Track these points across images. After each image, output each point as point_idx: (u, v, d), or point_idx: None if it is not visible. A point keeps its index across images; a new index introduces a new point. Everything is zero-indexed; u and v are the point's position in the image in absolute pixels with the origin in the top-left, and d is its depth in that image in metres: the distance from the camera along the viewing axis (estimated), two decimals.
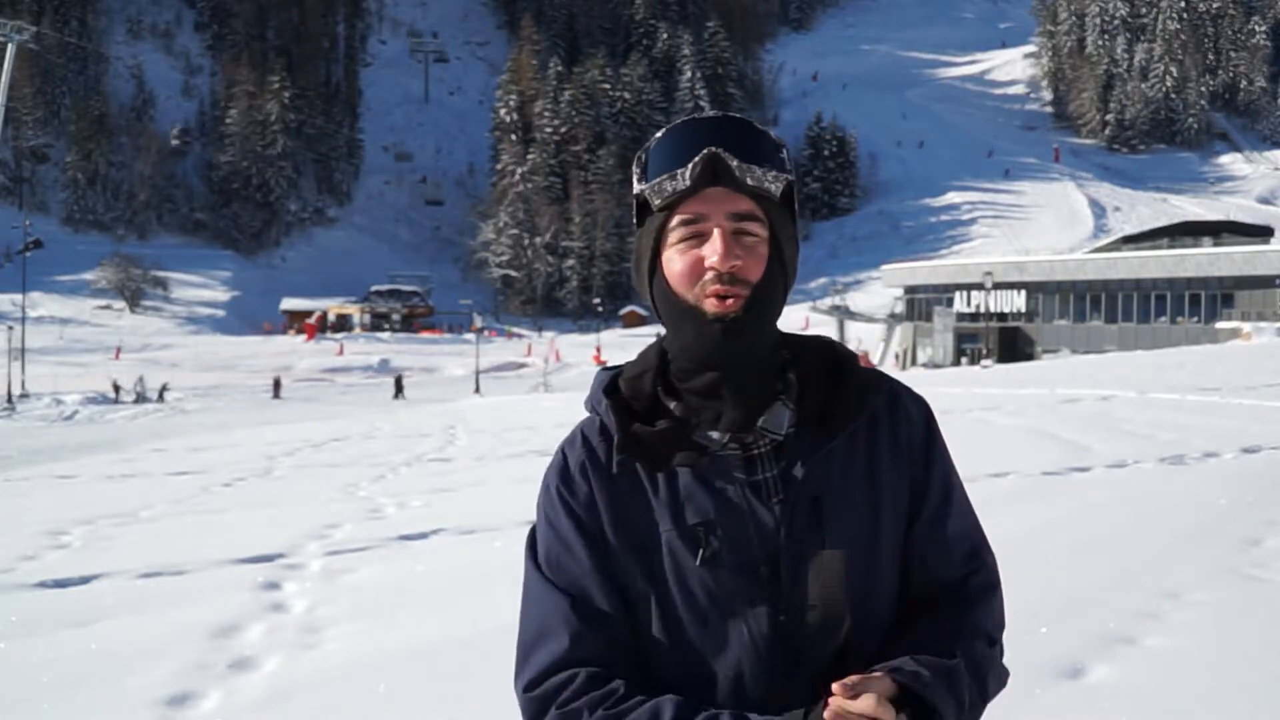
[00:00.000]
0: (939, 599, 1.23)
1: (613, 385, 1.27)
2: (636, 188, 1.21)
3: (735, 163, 1.15)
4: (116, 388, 40.07)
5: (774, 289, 1.19)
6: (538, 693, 1.16)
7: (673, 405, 1.23)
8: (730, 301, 1.15)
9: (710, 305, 1.16)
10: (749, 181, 1.16)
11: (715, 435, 1.20)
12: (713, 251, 1.15)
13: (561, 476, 1.24)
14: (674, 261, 1.18)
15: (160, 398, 40.48)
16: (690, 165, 1.15)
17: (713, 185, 1.16)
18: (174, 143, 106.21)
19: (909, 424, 1.26)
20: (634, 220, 1.24)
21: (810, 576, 1.16)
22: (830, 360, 1.26)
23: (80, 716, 3.53)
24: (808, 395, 1.23)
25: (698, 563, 1.16)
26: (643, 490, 1.20)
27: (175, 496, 9.46)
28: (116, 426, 26.68)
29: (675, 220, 1.18)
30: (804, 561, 1.16)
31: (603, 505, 1.21)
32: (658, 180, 1.17)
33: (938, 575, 1.24)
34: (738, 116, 1.20)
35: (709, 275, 1.15)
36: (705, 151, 1.14)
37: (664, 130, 1.21)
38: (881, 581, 1.21)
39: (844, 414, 1.21)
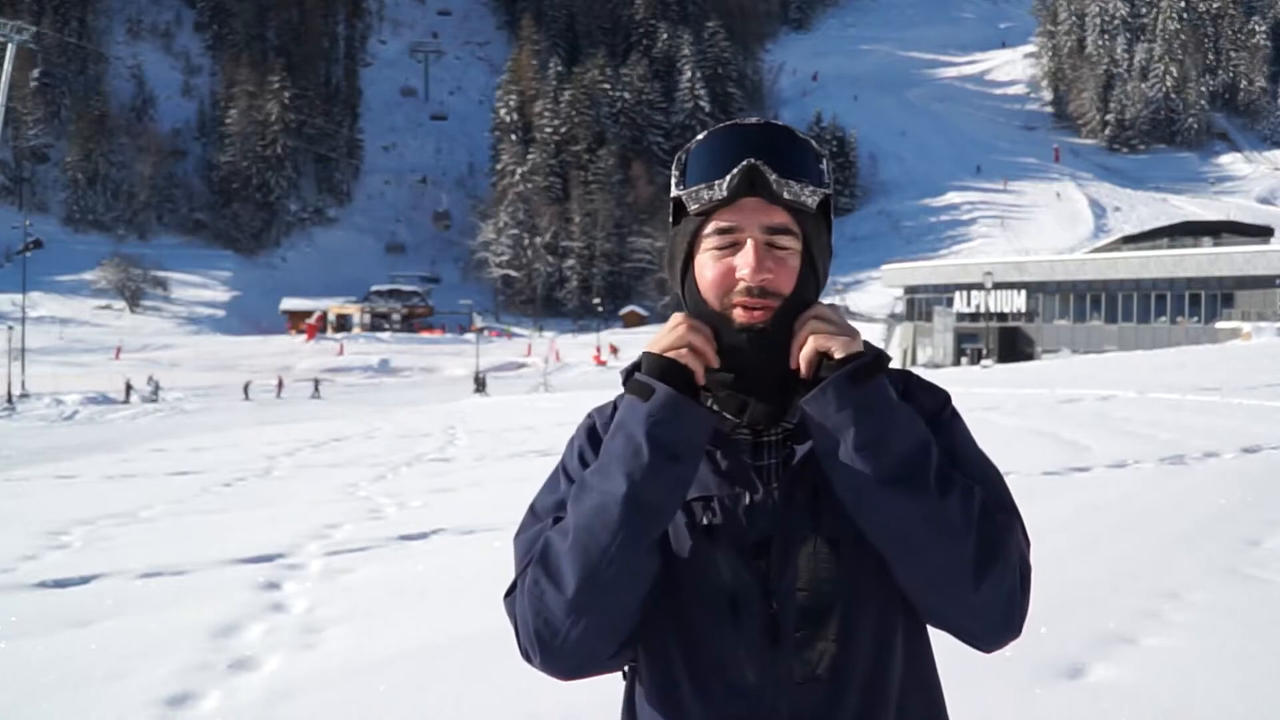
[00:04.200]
0: None
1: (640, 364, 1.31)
2: (674, 191, 1.22)
3: (774, 177, 1.16)
4: (128, 387, 40.04)
5: (804, 301, 1.20)
6: (509, 599, 1.21)
7: None
8: (759, 313, 1.17)
9: (738, 315, 1.17)
10: (785, 195, 1.16)
11: (728, 418, 1.23)
12: (744, 264, 1.16)
13: (588, 435, 1.29)
14: (706, 268, 1.19)
15: (245, 395, 41.27)
16: (728, 177, 1.16)
17: (749, 195, 1.16)
18: (33, 83, 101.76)
19: (919, 409, 1.24)
20: (670, 219, 1.25)
21: (800, 562, 1.16)
22: None
23: (80, 716, 3.53)
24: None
25: (691, 533, 1.20)
26: None
27: (175, 496, 9.46)
28: (116, 426, 26.68)
29: (710, 227, 1.19)
30: (795, 546, 1.17)
31: None
32: (695, 188, 1.18)
33: None
34: (780, 125, 1.21)
35: (739, 287, 1.17)
36: (744, 163, 1.15)
37: (706, 134, 1.22)
38: (882, 574, 1.18)
39: None
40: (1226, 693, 3.44)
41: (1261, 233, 57.93)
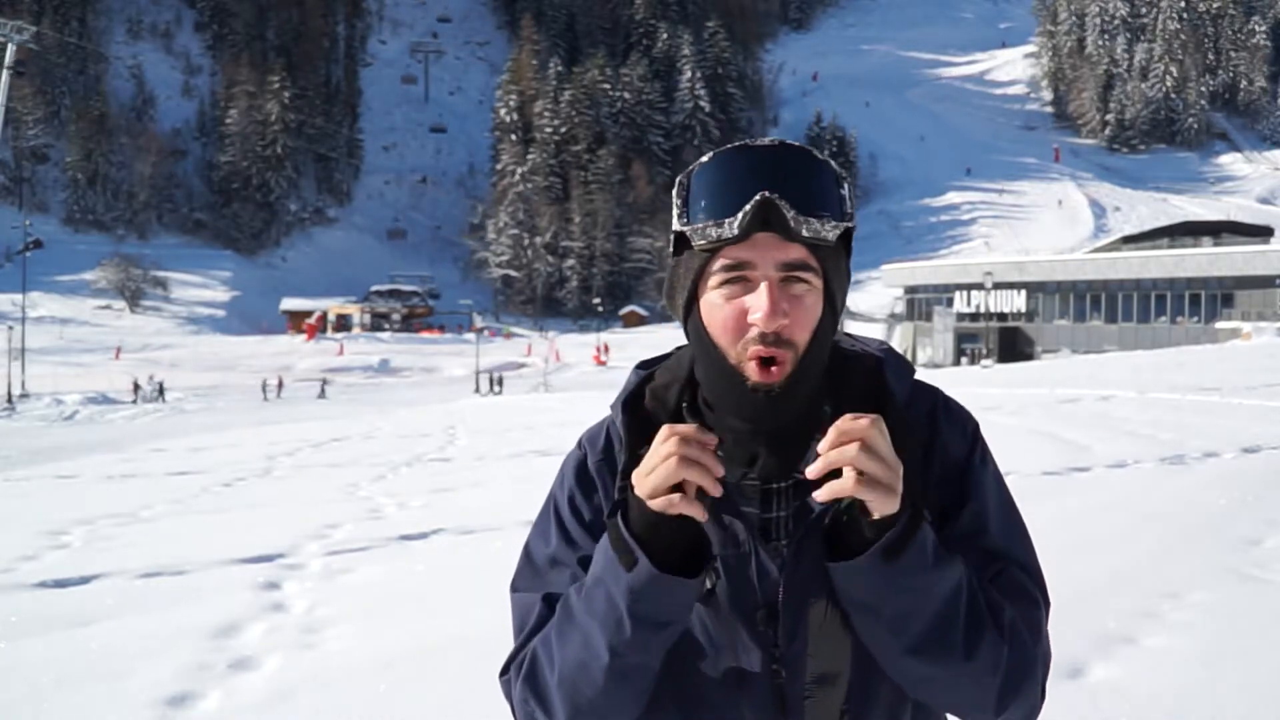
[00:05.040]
0: None
1: (639, 393, 1.18)
2: (676, 225, 1.08)
3: (791, 214, 1.02)
4: (136, 386, 40.12)
5: (822, 345, 1.09)
6: (504, 679, 1.17)
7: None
8: (775, 370, 1.05)
9: (752, 371, 1.05)
10: (804, 233, 1.03)
11: (736, 467, 1.12)
12: (758, 307, 1.04)
13: (578, 474, 1.20)
14: (715, 309, 1.07)
15: (264, 394, 41.95)
16: (740, 215, 1.02)
17: (763, 230, 1.03)
18: (6, 71, 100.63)
19: (944, 453, 1.15)
20: (670, 249, 1.12)
21: (810, 627, 1.09)
22: (874, 390, 1.14)
23: (80, 716, 3.53)
24: None
25: (696, 599, 1.11)
26: None
27: (175, 496, 9.45)
28: (116, 426, 26.67)
29: (718, 264, 1.06)
30: (804, 609, 1.09)
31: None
32: (701, 225, 1.05)
33: None
34: (796, 147, 1.06)
35: (752, 333, 1.05)
36: (758, 198, 1.02)
37: (711, 156, 1.08)
38: None
39: None
40: (1226, 693, 3.44)
41: (1261, 233, 57.97)
